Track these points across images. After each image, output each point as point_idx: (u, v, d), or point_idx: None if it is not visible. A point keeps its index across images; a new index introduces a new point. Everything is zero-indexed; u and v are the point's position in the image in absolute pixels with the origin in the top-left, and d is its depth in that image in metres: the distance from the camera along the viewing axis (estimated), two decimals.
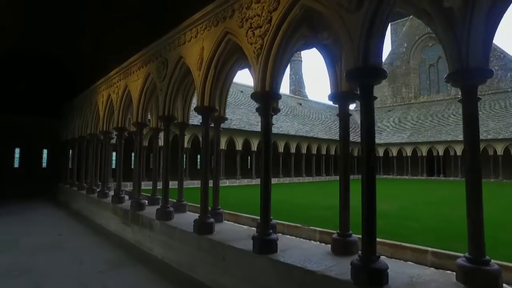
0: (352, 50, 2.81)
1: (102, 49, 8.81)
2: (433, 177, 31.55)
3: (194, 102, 5.51)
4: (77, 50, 10.61)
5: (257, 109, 4.04)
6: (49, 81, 15.39)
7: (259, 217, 3.90)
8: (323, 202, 12.40)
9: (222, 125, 6.07)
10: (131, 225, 6.88)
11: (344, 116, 3.88)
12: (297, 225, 6.86)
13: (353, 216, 3.58)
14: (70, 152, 13.67)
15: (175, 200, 6.52)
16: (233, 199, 12.95)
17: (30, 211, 10.68)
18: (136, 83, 7.24)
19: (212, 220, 4.84)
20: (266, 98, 3.87)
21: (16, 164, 16.80)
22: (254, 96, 3.95)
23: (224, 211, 6.03)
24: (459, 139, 29.41)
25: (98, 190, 9.76)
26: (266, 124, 3.90)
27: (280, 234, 4.67)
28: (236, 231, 4.91)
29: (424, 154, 31.86)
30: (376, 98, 3.00)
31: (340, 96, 3.89)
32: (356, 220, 3.08)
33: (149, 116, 7.47)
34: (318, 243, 5.37)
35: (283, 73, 4.03)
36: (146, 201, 7.04)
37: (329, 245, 3.75)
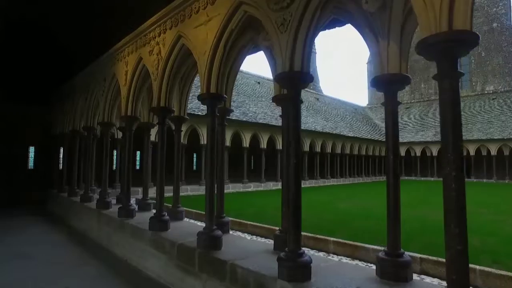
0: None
1: None
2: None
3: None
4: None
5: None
6: (38, 53, 11.96)
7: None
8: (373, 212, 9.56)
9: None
10: (201, 276, 3.85)
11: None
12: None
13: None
14: (67, 150, 10.43)
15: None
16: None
17: (12, 234, 7.38)
18: (204, 28, 4.18)
19: None
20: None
21: None
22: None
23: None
24: (494, 138, 27.29)
25: (115, 204, 6.71)
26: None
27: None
28: None
29: None
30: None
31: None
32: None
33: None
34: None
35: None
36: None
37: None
